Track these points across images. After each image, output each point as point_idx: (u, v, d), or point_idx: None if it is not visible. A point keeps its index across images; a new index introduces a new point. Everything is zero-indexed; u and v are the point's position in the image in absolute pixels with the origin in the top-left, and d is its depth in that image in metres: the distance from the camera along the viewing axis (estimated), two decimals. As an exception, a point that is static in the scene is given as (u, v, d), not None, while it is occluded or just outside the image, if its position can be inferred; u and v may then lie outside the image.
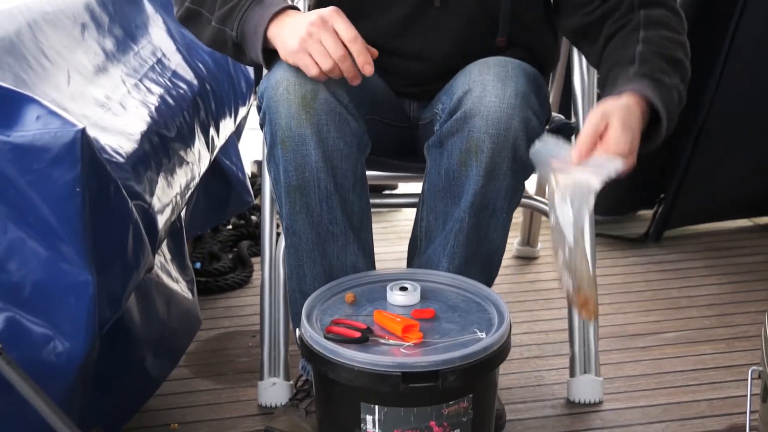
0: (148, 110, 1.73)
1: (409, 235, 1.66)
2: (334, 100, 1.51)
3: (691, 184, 2.58)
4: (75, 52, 1.63)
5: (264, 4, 1.49)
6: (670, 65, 1.51)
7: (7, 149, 1.19)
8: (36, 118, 1.21)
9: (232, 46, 1.53)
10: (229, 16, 1.50)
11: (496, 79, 1.49)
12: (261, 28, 1.47)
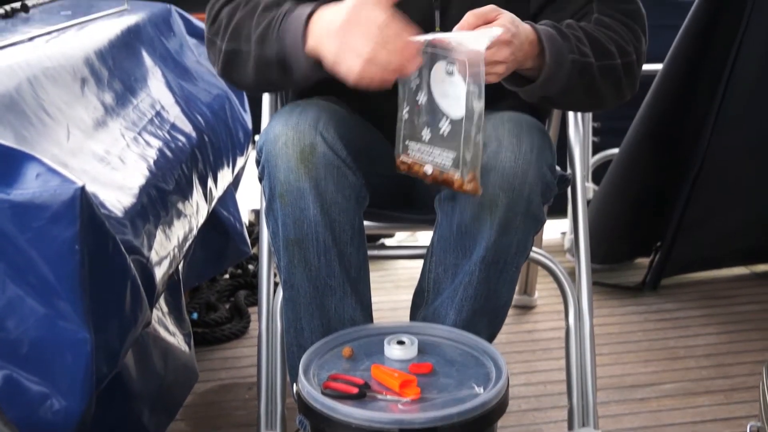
0: (146, 164, 1.74)
1: (406, 284, 1.67)
2: (333, 154, 1.52)
3: (688, 232, 2.59)
4: (75, 107, 1.64)
5: (297, 11, 1.47)
6: (589, 41, 1.53)
7: (6, 207, 1.20)
8: (36, 176, 1.22)
9: (277, 67, 1.50)
10: (266, 36, 1.49)
11: (511, 134, 1.51)
12: (299, 34, 1.43)
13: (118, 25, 2.07)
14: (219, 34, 1.57)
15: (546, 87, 1.49)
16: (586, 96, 1.56)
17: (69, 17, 2.05)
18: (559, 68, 1.47)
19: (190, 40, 2.47)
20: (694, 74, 2.46)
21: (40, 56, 1.65)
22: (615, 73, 1.55)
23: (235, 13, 1.55)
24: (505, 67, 1.42)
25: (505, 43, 1.41)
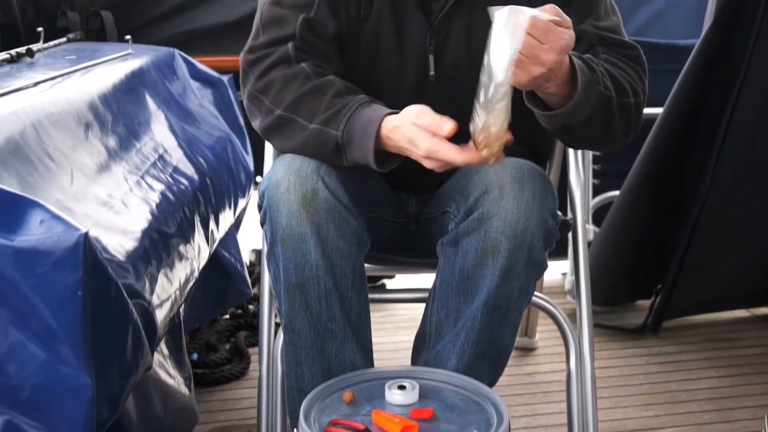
0: (149, 207, 1.75)
1: (407, 324, 1.68)
2: (334, 199, 1.54)
3: (688, 275, 2.59)
4: (79, 152, 1.66)
5: (373, 107, 1.52)
6: (609, 77, 1.54)
7: (10, 253, 1.20)
8: (40, 222, 1.23)
9: (333, 148, 1.53)
10: (334, 118, 1.52)
11: (513, 181, 1.52)
12: (372, 130, 1.49)
13: (122, 70, 2.09)
14: (269, 94, 1.60)
15: (573, 114, 1.49)
16: (602, 130, 1.56)
17: (73, 62, 2.07)
18: (587, 97, 1.48)
19: (193, 83, 2.49)
20: (694, 119, 2.47)
21: (45, 101, 1.67)
22: (628, 111, 1.57)
23: (293, 81, 1.58)
24: (543, 72, 1.40)
25: (560, 49, 1.39)
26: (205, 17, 2.91)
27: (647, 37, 3.01)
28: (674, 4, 3.08)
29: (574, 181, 1.96)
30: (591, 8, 1.65)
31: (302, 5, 1.64)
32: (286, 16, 1.63)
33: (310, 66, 1.59)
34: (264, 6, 1.67)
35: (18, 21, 2.48)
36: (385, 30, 1.65)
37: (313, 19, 1.63)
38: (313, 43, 1.63)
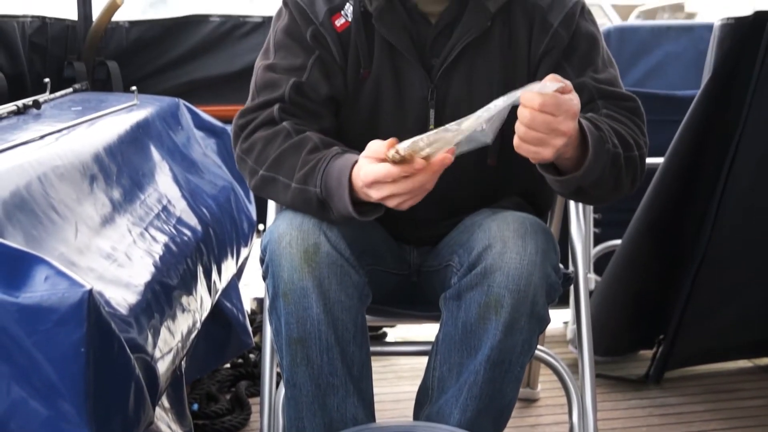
0: (152, 259, 1.75)
1: (408, 375, 1.67)
2: (336, 253, 1.54)
3: (690, 325, 2.59)
4: (83, 204, 1.67)
5: (344, 157, 1.52)
6: (614, 133, 1.55)
7: (14, 310, 1.21)
8: (44, 279, 1.23)
9: (317, 204, 1.54)
10: (311, 174, 1.53)
11: (516, 235, 1.53)
12: (345, 179, 1.49)
13: (127, 121, 2.11)
14: (252, 155, 1.62)
15: (585, 176, 1.49)
16: (612, 187, 1.57)
17: (79, 113, 2.09)
18: (598, 158, 1.49)
19: (196, 133, 2.52)
20: (695, 169, 2.49)
21: (51, 154, 1.68)
22: (634, 164, 1.59)
23: (273, 141, 1.60)
24: (563, 141, 1.40)
25: (573, 115, 1.40)
26: (208, 67, 2.95)
27: (647, 88, 3.03)
28: (673, 56, 3.12)
29: (575, 234, 1.96)
30: (589, 61, 1.67)
31: (295, 69, 1.66)
32: (279, 81, 1.66)
33: (290, 124, 1.62)
34: (259, 70, 1.70)
35: (25, 71, 2.51)
36: (385, 87, 1.68)
37: (303, 83, 1.65)
38: (300, 104, 1.65)
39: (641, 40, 3.13)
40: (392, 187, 1.43)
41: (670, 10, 12.14)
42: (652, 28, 3.28)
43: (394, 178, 1.42)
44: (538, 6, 1.67)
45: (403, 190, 1.42)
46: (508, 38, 1.66)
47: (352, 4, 1.67)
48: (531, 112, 1.38)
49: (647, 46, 3.12)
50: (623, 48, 3.12)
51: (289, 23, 1.70)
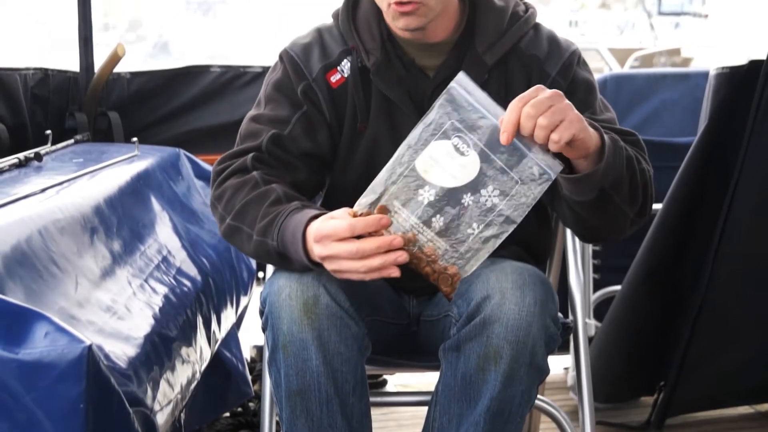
0: (152, 311, 1.77)
1: (408, 423, 1.67)
2: (335, 304, 1.55)
3: (691, 371, 2.58)
4: (84, 257, 1.68)
5: (303, 212, 1.53)
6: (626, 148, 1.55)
7: (14, 366, 1.22)
8: (44, 335, 1.24)
9: (277, 256, 1.56)
10: (269, 227, 1.55)
11: (515, 286, 1.54)
12: (299, 233, 1.50)
13: (128, 172, 2.13)
14: (222, 202, 1.64)
15: (607, 170, 1.48)
16: (629, 193, 1.55)
17: (81, 165, 2.11)
18: (616, 153, 1.49)
19: (197, 182, 2.54)
20: (693, 214, 2.50)
21: (52, 207, 1.70)
22: (645, 178, 1.59)
23: (241, 189, 1.62)
24: (574, 115, 1.40)
25: (558, 94, 1.41)
26: (209, 117, 2.97)
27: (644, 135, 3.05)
28: (669, 103, 3.15)
29: (574, 283, 1.97)
30: (587, 105, 1.69)
31: (279, 121, 1.68)
32: (260, 131, 1.68)
33: (260, 174, 1.63)
34: (245, 120, 1.73)
35: (27, 122, 2.53)
36: (382, 140, 1.69)
37: (284, 136, 1.67)
38: (277, 155, 1.67)
39: (638, 87, 3.16)
40: (337, 247, 1.44)
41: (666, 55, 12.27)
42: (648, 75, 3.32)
43: (340, 237, 1.43)
44: (534, 57, 1.70)
45: (345, 253, 1.43)
46: (506, 90, 1.68)
47: (350, 60, 1.69)
48: (530, 104, 1.39)
49: (644, 93, 3.15)
50: (620, 95, 3.15)
51: (281, 77, 1.72)
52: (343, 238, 1.44)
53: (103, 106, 2.80)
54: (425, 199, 1.42)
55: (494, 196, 1.42)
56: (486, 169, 1.41)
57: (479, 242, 1.44)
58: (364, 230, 1.44)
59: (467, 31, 1.69)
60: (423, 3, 1.59)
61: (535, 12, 1.74)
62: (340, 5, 1.74)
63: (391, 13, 1.62)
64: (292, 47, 1.73)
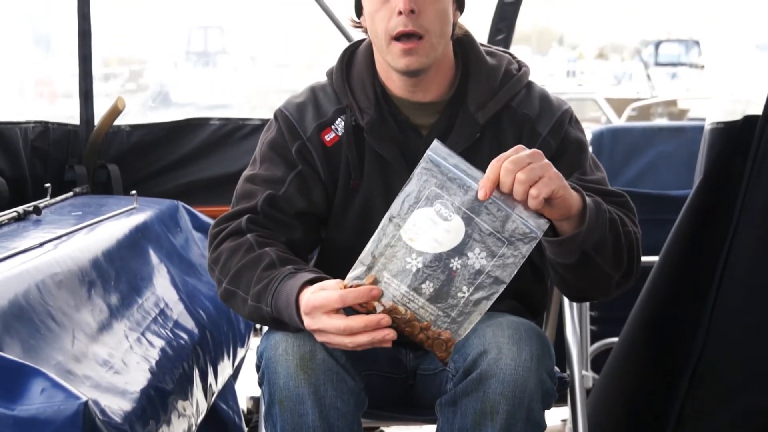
0: (148, 365, 1.77)
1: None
2: (332, 359, 1.55)
3: (688, 424, 2.56)
4: (81, 311, 1.69)
5: (296, 277, 1.53)
6: (609, 207, 1.56)
7: (11, 423, 1.22)
8: (41, 391, 1.25)
9: (272, 321, 1.57)
10: (263, 292, 1.56)
11: (511, 341, 1.54)
12: (292, 299, 1.50)
13: (126, 225, 2.14)
14: (218, 265, 1.65)
15: (589, 233, 1.49)
16: (613, 257, 1.57)
17: (79, 218, 2.12)
18: (599, 215, 1.50)
19: (195, 234, 2.55)
20: (689, 267, 2.51)
21: (50, 261, 1.71)
22: (630, 240, 1.60)
23: (236, 253, 1.63)
24: (553, 169, 1.42)
25: (538, 153, 1.43)
26: (208, 168, 2.99)
27: (640, 187, 3.08)
28: (665, 156, 3.18)
29: (571, 336, 1.98)
30: (577, 165, 1.71)
31: (273, 181, 1.70)
32: (255, 192, 1.69)
33: (254, 237, 1.64)
34: (241, 180, 1.74)
35: (27, 175, 2.55)
36: (376, 198, 1.71)
37: (278, 196, 1.69)
38: (272, 216, 1.68)
39: (634, 140, 3.19)
40: (326, 321, 1.45)
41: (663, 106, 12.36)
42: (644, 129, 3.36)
43: (330, 309, 1.44)
44: (526, 116, 1.72)
45: (333, 329, 1.44)
46: (498, 148, 1.70)
47: (344, 119, 1.71)
48: (509, 160, 1.41)
49: (640, 146, 3.19)
50: (617, 148, 3.18)
51: (276, 136, 1.74)
52: (334, 310, 1.45)
53: (102, 159, 2.82)
54: (414, 267, 1.43)
55: (482, 258, 1.42)
56: (471, 232, 1.42)
57: (470, 305, 1.44)
58: (354, 302, 1.44)
59: (460, 90, 1.71)
60: (425, 37, 1.61)
61: (528, 71, 1.76)
62: (334, 63, 1.76)
63: (393, 52, 1.64)
64: (286, 106, 1.75)
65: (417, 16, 1.59)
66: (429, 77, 1.68)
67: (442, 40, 1.65)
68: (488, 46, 1.80)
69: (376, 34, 1.65)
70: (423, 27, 1.60)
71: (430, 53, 1.63)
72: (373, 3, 1.63)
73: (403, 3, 1.58)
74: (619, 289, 1.65)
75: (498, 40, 2.91)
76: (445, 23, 1.64)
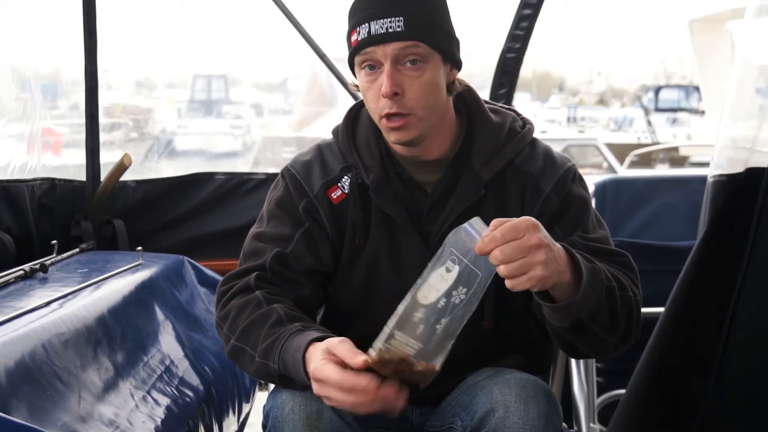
0: (154, 424, 1.77)
1: None
2: (338, 418, 1.55)
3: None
4: (87, 371, 1.69)
5: (303, 334, 1.53)
6: (608, 270, 1.57)
7: (16, 488, 1.21)
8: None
9: (279, 378, 1.56)
10: (271, 349, 1.55)
11: (519, 399, 1.54)
12: (299, 355, 1.50)
13: (132, 282, 2.15)
14: (227, 323, 1.65)
15: (582, 303, 1.50)
16: (609, 323, 1.57)
17: (85, 275, 2.13)
18: (593, 284, 1.50)
19: (200, 289, 2.55)
20: (696, 317, 2.50)
21: (56, 321, 1.71)
22: (629, 305, 1.60)
23: (244, 310, 1.63)
24: (545, 252, 1.43)
25: (533, 227, 1.43)
26: (214, 223, 2.99)
27: (643, 238, 3.08)
28: (668, 207, 3.17)
29: (578, 391, 1.97)
30: (579, 222, 1.71)
31: (281, 239, 1.70)
32: (263, 250, 1.70)
33: (263, 294, 1.64)
34: (248, 238, 1.74)
35: (33, 232, 2.56)
36: (381, 255, 1.71)
37: (287, 254, 1.69)
38: (280, 273, 1.68)
39: (637, 191, 3.19)
40: (333, 392, 1.45)
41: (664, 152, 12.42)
42: (647, 180, 3.36)
43: (337, 385, 1.44)
44: (530, 173, 1.72)
45: (340, 401, 1.45)
46: (502, 204, 1.71)
47: (350, 177, 1.72)
48: (498, 249, 1.41)
49: (643, 197, 3.18)
50: (619, 199, 3.18)
51: (283, 195, 1.75)
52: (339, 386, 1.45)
53: (108, 214, 2.83)
54: (416, 318, 1.47)
55: (462, 293, 1.46)
56: (461, 272, 1.46)
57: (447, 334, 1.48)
58: (351, 389, 1.44)
59: (464, 147, 1.72)
60: (412, 114, 1.62)
61: (532, 128, 1.78)
62: (340, 122, 1.78)
63: (383, 128, 1.66)
64: (293, 165, 1.76)
65: (401, 97, 1.60)
66: (428, 140, 1.68)
67: (433, 110, 1.65)
68: (492, 103, 1.81)
69: (370, 111, 1.67)
70: (407, 107, 1.61)
71: (419, 125, 1.63)
72: (363, 82, 1.64)
73: (384, 86, 1.59)
74: (617, 351, 1.66)
75: (500, 94, 2.93)
76: (434, 94, 1.64)
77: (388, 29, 1.59)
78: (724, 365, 2.45)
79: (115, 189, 2.82)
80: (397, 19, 1.59)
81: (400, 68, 1.60)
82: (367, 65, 1.62)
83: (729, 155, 2.40)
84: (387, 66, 1.59)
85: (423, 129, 1.65)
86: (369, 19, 1.60)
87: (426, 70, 1.61)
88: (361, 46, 1.61)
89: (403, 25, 1.59)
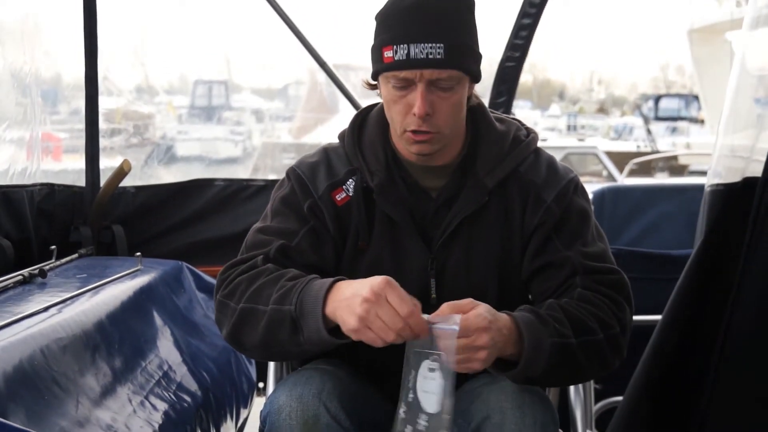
0: (152, 429, 1.77)
1: None
2: (336, 424, 1.55)
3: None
4: (85, 376, 1.69)
5: (324, 279, 1.54)
6: (569, 321, 1.58)
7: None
8: (43, 461, 1.25)
9: (290, 324, 1.54)
10: (288, 294, 1.54)
11: (515, 406, 1.55)
12: (321, 294, 1.51)
13: (130, 287, 2.15)
14: (234, 295, 1.61)
15: (528, 370, 1.54)
16: (570, 373, 1.61)
17: (84, 280, 2.13)
18: (538, 353, 1.53)
19: (199, 295, 2.56)
20: (693, 326, 2.50)
21: (54, 326, 1.71)
22: (597, 347, 1.61)
23: (256, 279, 1.61)
24: (486, 353, 1.48)
25: (483, 329, 1.47)
26: (213, 229, 2.99)
27: (642, 246, 3.09)
28: (667, 216, 3.18)
29: (575, 398, 1.97)
30: (579, 234, 1.72)
31: (286, 233, 1.70)
32: (267, 241, 1.69)
33: (273, 266, 1.64)
34: (251, 232, 1.74)
35: (32, 237, 2.56)
36: (385, 258, 1.72)
37: (291, 247, 1.69)
38: (283, 264, 1.67)
39: (635, 200, 3.20)
40: (386, 307, 1.46)
41: (664, 160, 12.43)
42: (645, 189, 3.38)
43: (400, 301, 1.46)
44: (532, 182, 1.73)
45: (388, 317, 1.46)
46: (504, 212, 1.72)
47: (355, 180, 1.73)
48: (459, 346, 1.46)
49: (641, 206, 3.20)
50: (618, 208, 3.20)
51: (288, 194, 1.75)
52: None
53: (107, 220, 2.83)
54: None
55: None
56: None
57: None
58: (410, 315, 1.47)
59: (470, 155, 1.73)
60: (439, 132, 1.64)
61: (536, 137, 1.79)
62: (347, 127, 1.79)
63: (405, 139, 1.66)
64: (299, 165, 1.77)
65: (431, 117, 1.62)
66: (443, 150, 1.70)
67: (457, 127, 1.68)
68: (497, 112, 1.82)
69: (391, 120, 1.68)
70: (436, 126, 1.63)
71: (442, 141, 1.66)
72: (390, 93, 1.65)
73: (418, 108, 1.60)
74: (599, 376, 1.68)
75: (499, 102, 2.93)
76: (460, 112, 1.67)
77: (428, 55, 1.60)
78: (720, 373, 2.45)
79: (115, 195, 2.82)
80: (438, 46, 1.60)
81: (432, 89, 1.61)
82: (398, 81, 1.63)
83: (727, 164, 2.41)
84: (421, 88, 1.61)
85: (445, 143, 1.67)
86: (409, 40, 1.60)
87: (456, 92, 1.63)
88: (398, 66, 1.61)
89: (443, 53, 1.60)
